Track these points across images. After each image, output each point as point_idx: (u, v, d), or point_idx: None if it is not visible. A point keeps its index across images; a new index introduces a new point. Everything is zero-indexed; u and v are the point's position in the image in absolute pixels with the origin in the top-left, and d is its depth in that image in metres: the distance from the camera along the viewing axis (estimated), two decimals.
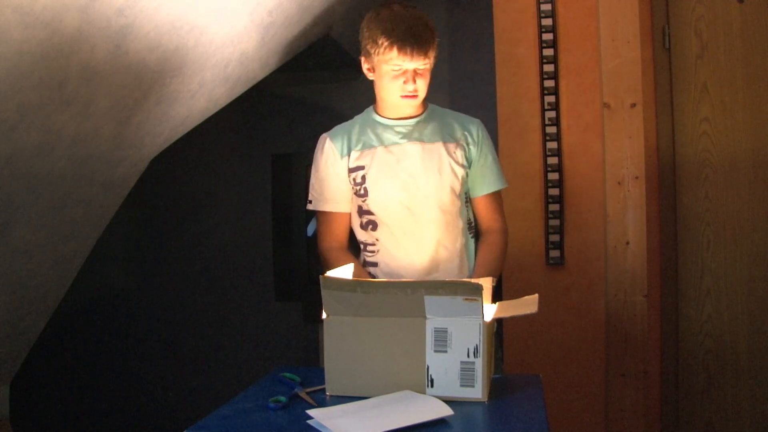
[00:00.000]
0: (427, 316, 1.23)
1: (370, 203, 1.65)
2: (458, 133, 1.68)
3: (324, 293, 1.27)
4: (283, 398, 1.24)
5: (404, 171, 1.63)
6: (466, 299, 1.21)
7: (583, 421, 2.23)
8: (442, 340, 1.23)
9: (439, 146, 1.65)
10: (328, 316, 1.28)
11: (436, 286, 1.22)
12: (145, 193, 3.15)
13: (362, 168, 1.65)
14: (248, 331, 3.30)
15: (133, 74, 1.75)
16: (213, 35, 1.91)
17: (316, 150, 1.75)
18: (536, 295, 1.37)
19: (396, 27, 1.52)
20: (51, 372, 3.46)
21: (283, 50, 2.38)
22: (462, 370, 1.23)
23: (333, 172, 1.69)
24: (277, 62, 2.42)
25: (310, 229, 2.56)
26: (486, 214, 1.72)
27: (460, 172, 1.65)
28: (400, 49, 1.52)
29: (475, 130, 1.70)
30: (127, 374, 3.40)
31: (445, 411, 1.13)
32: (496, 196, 1.73)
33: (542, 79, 2.27)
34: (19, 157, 1.65)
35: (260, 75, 2.39)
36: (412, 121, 1.67)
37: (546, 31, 2.26)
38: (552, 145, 2.26)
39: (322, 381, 1.30)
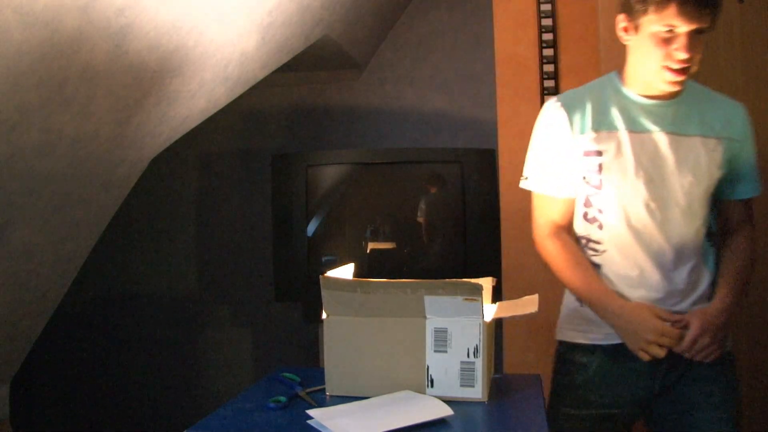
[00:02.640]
0: (427, 316, 1.23)
1: (603, 199, 1.40)
2: (719, 125, 1.37)
3: (324, 293, 1.27)
4: (283, 398, 1.24)
5: (652, 167, 1.35)
6: (466, 299, 1.21)
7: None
8: (442, 340, 1.23)
9: (696, 141, 1.36)
10: (328, 316, 1.28)
11: (436, 286, 1.22)
12: (145, 193, 3.15)
13: (600, 154, 1.37)
14: (248, 331, 3.30)
15: (133, 74, 1.75)
16: (213, 35, 1.91)
17: (542, 116, 1.48)
18: (536, 295, 1.37)
19: None
20: (51, 372, 3.46)
21: (283, 50, 2.38)
22: (462, 370, 1.23)
23: (562, 149, 1.42)
24: (277, 62, 2.42)
25: (310, 229, 2.56)
26: (738, 219, 1.43)
27: (717, 175, 1.37)
28: (680, 5, 1.21)
29: (741, 122, 1.38)
30: (127, 374, 3.40)
31: (445, 411, 1.13)
32: (748, 203, 1.44)
33: (542, 79, 2.27)
34: (19, 157, 1.65)
35: (260, 75, 2.39)
36: (668, 104, 1.36)
37: (546, 31, 2.26)
38: None
39: (322, 381, 1.30)
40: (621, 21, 1.33)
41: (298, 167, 2.52)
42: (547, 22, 2.26)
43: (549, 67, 2.26)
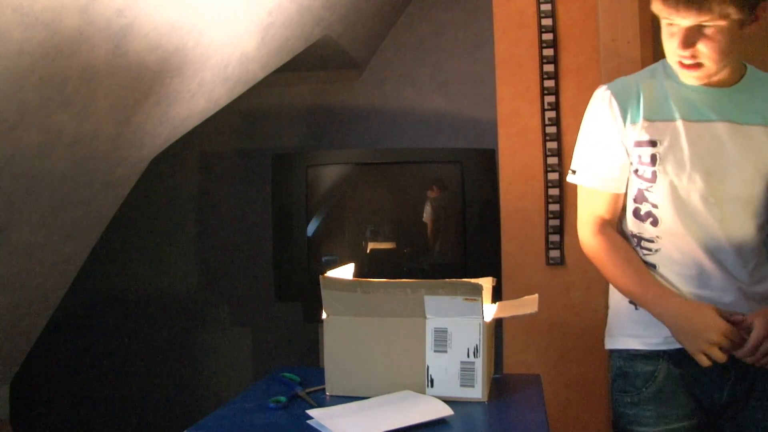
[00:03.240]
0: (427, 316, 1.23)
1: (656, 192, 1.29)
2: None
3: (324, 293, 1.27)
4: (283, 398, 1.24)
5: (711, 159, 1.25)
6: (466, 299, 1.21)
7: (583, 421, 2.23)
8: (442, 340, 1.23)
9: (759, 131, 1.26)
10: (328, 316, 1.28)
11: (436, 286, 1.22)
12: (145, 193, 3.15)
13: (653, 144, 1.27)
14: (248, 331, 3.30)
15: (133, 74, 1.75)
16: (213, 35, 1.91)
17: (591, 105, 1.37)
18: (536, 295, 1.37)
19: None
20: (51, 372, 3.46)
21: (283, 50, 2.38)
22: (462, 370, 1.23)
23: (612, 139, 1.32)
24: (277, 62, 2.42)
25: (310, 229, 2.56)
26: None
27: None
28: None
29: None
30: (127, 374, 3.40)
31: (445, 411, 1.13)
32: None
33: (542, 79, 2.26)
34: (19, 157, 1.65)
35: (260, 75, 2.39)
36: (727, 91, 1.27)
37: (546, 31, 2.26)
38: (552, 145, 2.26)
39: (322, 381, 1.30)
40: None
41: (298, 167, 2.52)
42: (547, 22, 2.26)
43: (549, 67, 2.26)
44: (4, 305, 2.04)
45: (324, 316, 1.28)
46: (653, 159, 1.27)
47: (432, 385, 1.23)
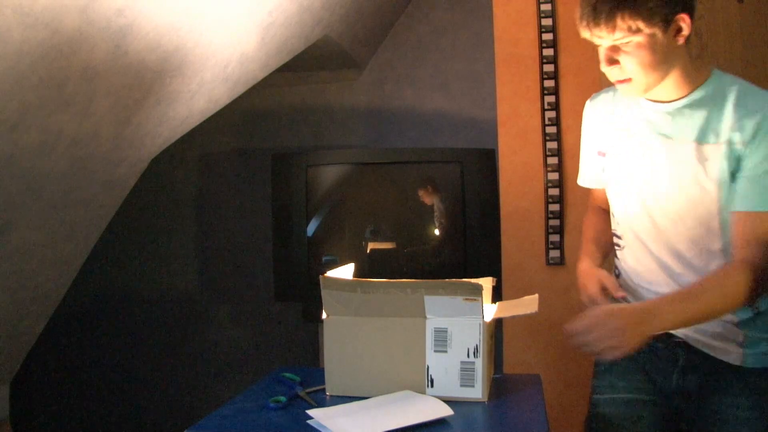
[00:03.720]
0: (427, 316, 1.23)
1: (611, 200, 1.42)
2: (725, 129, 1.23)
3: (324, 293, 1.27)
4: (283, 398, 1.24)
5: (647, 172, 1.31)
6: (466, 299, 1.21)
7: (583, 421, 2.23)
8: (442, 340, 1.23)
9: (689, 148, 1.26)
10: (328, 316, 1.28)
11: (436, 286, 1.22)
12: (145, 193, 3.15)
13: (604, 155, 1.40)
14: (248, 331, 3.30)
15: (133, 74, 1.75)
16: (213, 35, 1.91)
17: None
18: (536, 295, 1.37)
19: None
20: (51, 372, 3.46)
21: (283, 50, 2.38)
22: (462, 370, 1.23)
23: (588, 143, 1.46)
24: (277, 62, 2.42)
25: (310, 229, 2.56)
26: (738, 239, 1.23)
27: (710, 186, 1.24)
28: (580, 23, 1.20)
29: (752, 126, 1.20)
30: (127, 374, 3.40)
31: (445, 411, 1.13)
32: (751, 219, 1.22)
33: (542, 79, 2.27)
34: (19, 157, 1.65)
35: (260, 75, 2.39)
36: (675, 105, 1.27)
37: (546, 31, 2.26)
38: (552, 145, 2.26)
39: (322, 381, 1.30)
40: None
41: (298, 167, 2.52)
42: (547, 22, 2.26)
43: (549, 67, 2.26)
44: (4, 305, 2.04)
45: (324, 316, 1.28)
46: (603, 169, 1.41)
47: (432, 385, 1.23)
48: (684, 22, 1.18)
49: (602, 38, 1.19)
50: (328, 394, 1.28)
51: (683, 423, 1.38)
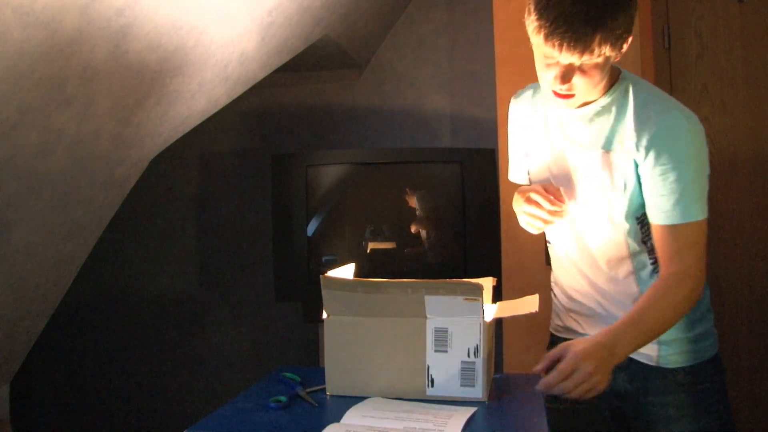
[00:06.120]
0: (428, 315, 1.23)
1: None
2: (627, 138, 1.25)
3: (324, 293, 1.27)
4: (283, 398, 1.24)
5: (562, 177, 1.37)
6: (467, 299, 1.21)
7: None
8: (442, 340, 1.23)
9: (596, 156, 1.30)
10: (328, 316, 1.28)
11: (436, 286, 1.22)
12: (145, 193, 3.15)
13: (527, 155, 1.44)
14: (248, 331, 3.30)
15: (133, 74, 1.75)
16: (213, 35, 1.91)
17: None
18: (536, 295, 1.37)
19: (553, 4, 1.12)
20: (51, 372, 3.46)
21: (283, 50, 2.38)
22: (462, 370, 1.23)
23: (515, 141, 1.50)
24: (277, 62, 2.42)
25: (310, 229, 2.56)
26: (668, 251, 1.26)
27: (615, 196, 1.29)
28: (547, 38, 1.14)
29: (648, 136, 1.22)
30: (127, 374, 3.40)
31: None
32: (675, 230, 1.24)
33: None
34: (19, 157, 1.65)
35: (260, 75, 2.39)
36: (584, 111, 1.29)
37: None
38: None
39: (322, 381, 1.30)
40: (527, 22, 1.22)
41: (298, 167, 2.52)
42: None
43: None
44: (4, 305, 2.04)
45: (324, 316, 1.28)
46: (527, 169, 1.46)
47: (432, 385, 1.23)
48: (627, 43, 1.19)
49: (567, 58, 1.16)
50: (328, 394, 1.28)
51: (625, 422, 1.43)
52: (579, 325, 1.46)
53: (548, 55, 1.19)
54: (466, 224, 2.47)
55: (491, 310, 1.34)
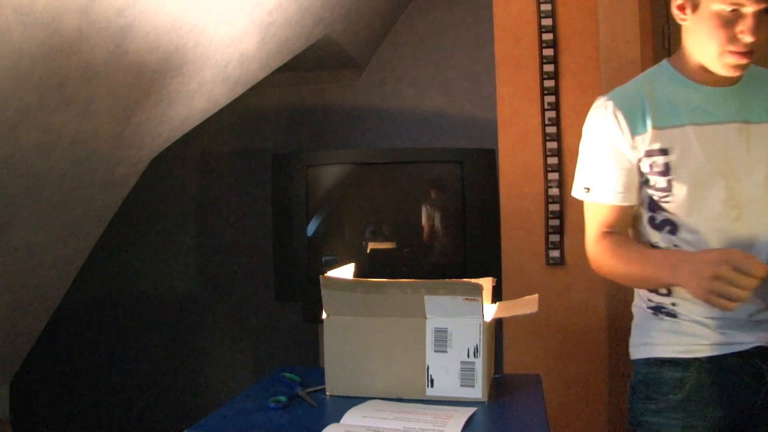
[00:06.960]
0: (427, 315, 1.23)
1: (672, 201, 1.24)
2: None
3: (324, 293, 1.27)
4: (283, 398, 1.24)
5: (725, 161, 1.20)
6: (466, 299, 1.21)
7: (583, 421, 2.23)
8: (442, 340, 1.23)
9: (767, 128, 1.20)
10: (328, 316, 1.28)
11: (436, 286, 1.22)
12: (145, 193, 3.15)
13: (665, 152, 1.22)
14: (248, 331, 3.30)
15: (133, 74, 1.75)
16: (213, 35, 1.91)
17: (591, 118, 1.31)
18: (536, 295, 1.37)
19: None
20: (51, 372, 3.46)
21: (283, 50, 2.38)
22: (462, 370, 1.22)
23: (621, 153, 1.26)
24: (277, 62, 2.42)
25: (310, 229, 2.56)
26: None
27: None
28: None
29: None
30: (127, 374, 3.40)
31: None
32: None
33: (542, 79, 2.26)
34: (19, 157, 1.65)
35: (260, 75, 2.39)
36: (731, 90, 1.21)
37: (546, 31, 2.26)
38: (552, 145, 2.26)
39: (322, 381, 1.30)
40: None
41: (298, 167, 2.52)
42: (547, 22, 2.26)
43: (549, 67, 2.26)
44: (4, 305, 2.04)
45: (324, 316, 1.28)
46: (666, 167, 1.22)
47: (432, 385, 1.23)
48: None
49: (757, 2, 1.09)
50: (328, 394, 1.28)
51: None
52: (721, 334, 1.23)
53: (732, 8, 1.10)
54: (466, 224, 2.47)
55: (491, 310, 1.34)
